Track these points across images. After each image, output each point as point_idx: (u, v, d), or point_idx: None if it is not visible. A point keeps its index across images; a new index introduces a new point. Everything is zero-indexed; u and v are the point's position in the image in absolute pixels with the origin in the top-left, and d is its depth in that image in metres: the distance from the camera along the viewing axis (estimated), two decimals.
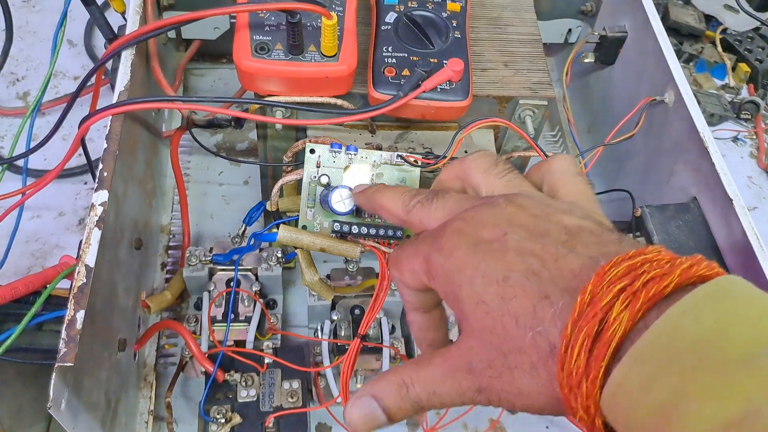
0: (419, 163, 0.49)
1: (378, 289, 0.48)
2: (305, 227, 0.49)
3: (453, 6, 0.53)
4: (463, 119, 0.50)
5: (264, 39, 0.48)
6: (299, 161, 0.50)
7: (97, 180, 0.45)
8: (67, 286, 0.42)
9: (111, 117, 0.48)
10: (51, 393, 0.36)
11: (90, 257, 0.41)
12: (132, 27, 0.55)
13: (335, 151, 0.48)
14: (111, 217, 0.45)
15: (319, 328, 0.58)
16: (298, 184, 0.50)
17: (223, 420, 0.51)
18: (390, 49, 0.51)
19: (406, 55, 0.50)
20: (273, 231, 0.49)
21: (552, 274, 0.28)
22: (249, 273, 0.60)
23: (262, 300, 0.59)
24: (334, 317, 0.57)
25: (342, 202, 0.47)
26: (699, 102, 0.82)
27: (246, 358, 0.53)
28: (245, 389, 0.53)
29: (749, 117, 0.84)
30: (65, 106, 0.54)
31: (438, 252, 0.32)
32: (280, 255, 0.59)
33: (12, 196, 0.59)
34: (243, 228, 0.58)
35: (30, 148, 0.59)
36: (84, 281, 0.40)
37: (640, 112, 0.58)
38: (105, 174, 0.45)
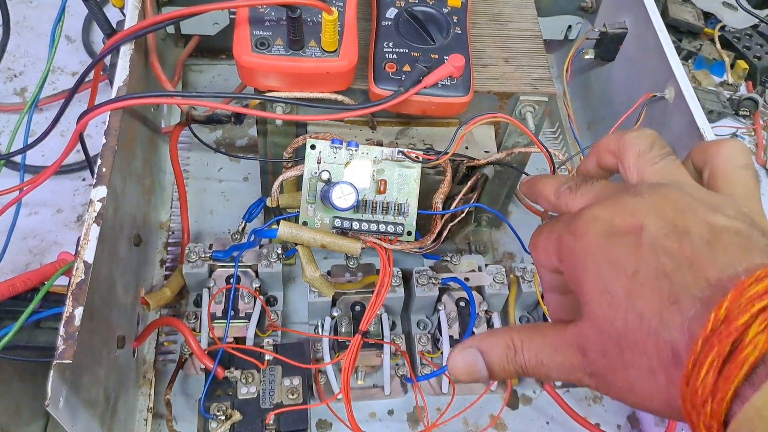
0: (420, 159, 0.49)
1: (379, 286, 0.48)
2: (306, 223, 0.49)
3: (454, 2, 0.53)
4: (464, 115, 0.50)
5: (264, 34, 0.48)
6: (299, 157, 0.50)
7: (96, 176, 0.45)
8: (65, 282, 0.42)
9: (110, 112, 0.48)
10: (49, 390, 0.36)
11: (88, 253, 0.41)
12: (130, 22, 0.54)
13: (336, 147, 0.48)
14: (110, 213, 0.45)
15: (320, 324, 0.58)
16: (298, 180, 0.50)
17: (223, 417, 0.51)
18: (391, 45, 0.50)
19: (406, 51, 0.50)
20: (273, 227, 0.49)
21: (685, 278, 0.27)
22: (249, 270, 0.59)
23: (262, 297, 0.59)
24: (334, 314, 0.57)
25: (343, 198, 0.46)
26: (698, 99, 0.82)
27: (246, 354, 0.53)
28: (245, 386, 0.53)
29: (748, 114, 0.84)
30: (63, 101, 0.54)
31: (570, 233, 0.31)
32: (280, 251, 0.59)
33: (9, 192, 0.58)
34: (243, 224, 0.58)
35: (27, 144, 0.59)
36: (82, 278, 0.40)
37: (640, 108, 0.58)
38: (104, 170, 0.45)
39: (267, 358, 0.53)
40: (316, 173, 0.48)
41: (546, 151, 0.49)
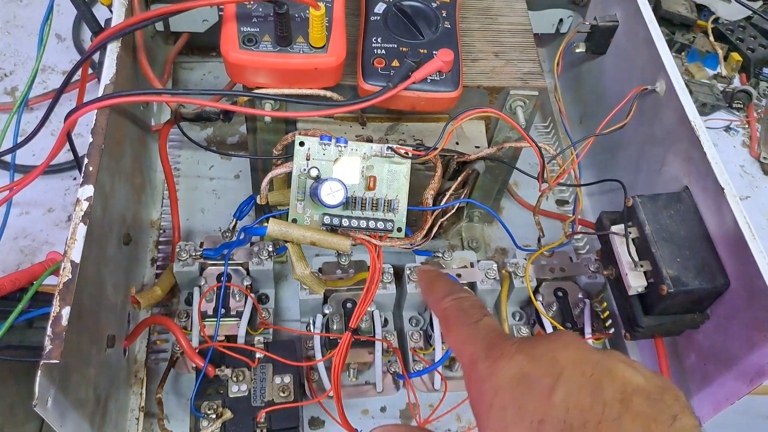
0: (410, 155, 0.48)
1: (369, 282, 0.48)
2: (295, 221, 0.49)
3: None
4: (454, 110, 0.49)
5: (252, 31, 0.48)
6: (289, 154, 0.49)
7: (83, 175, 0.45)
8: (55, 282, 0.42)
9: (96, 111, 0.47)
10: (36, 390, 0.35)
11: (75, 253, 0.41)
12: (117, 20, 0.54)
13: (325, 144, 0.48)
14: (98, 212, 0.45)
15: (311, 322, 0.58)
16: (288, 177, 0.49)
17: (214, 416, 0.50)
18: (379, 40, 0.50)
19: (395, 46, 0.50)
20: (263, 225, 0.49)
21: None
22: (240, 267, 0.59)
23: (253, 294, 0.58)
24: (326, 311, 0.57)
25: (332, 194, 0.46)
26: (691, 92, 0.82)
27: (237, 353, 0.53)
28: (236, 384, 0.52)
29: (741, 106, 0.84)
30: (51, 101, 0.54)
31: (487, 364, 0.32)
32: (271, 249, 0.59)
33: None
34: (234, 222, 0.58)
35: (17, 143, 0.58)
36: (69, 277, 0.40)
37: (631, 101, 0.57)
38: (91, 168, 0.45)
39: (258, 356, 0.53)
40: (305, 170, 0.48)
41: (535, 146, 0.49)
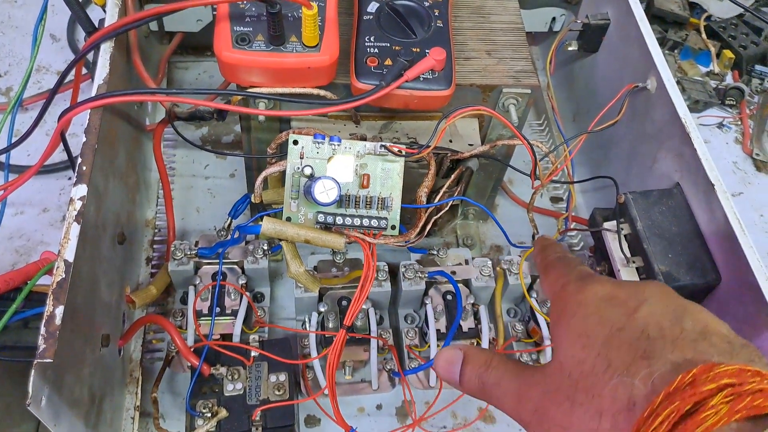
0: (403, 153, 0.49)
1: (363, 280, 0.48)
2: (290, 219, 0.49)
3: None
4: (447, 108, 0.50)
5: (245, 30, 0.48)
6: (283, 153, 0.50)
7: (76, 174, 0.45)
8: (50, 282, 0.42)
9: (89, 111, 0.47)
10: (30, 389, 0.36)
11: (69, 252, 0.41)
12: (111, 20, 0.54)
13: (319, 142, 0.48)
14: (91, 212, 0.45)
15: (307, 320, 0.58)
16: (282, 175, 0.49)
17: (210, 414, 0.51)
18: (372, 39, 0.50)
19: (388, 45, 0.50)
20: (258, 223, 0.49)
21: (665, 344, 0.28)
22: (235, 266, 0.59)
23: (248, 293, 0.58)
24: (321, 309, 0.57)
25: (325, 192, 0.46)
26: (684, 89, 0.83)
27: (232, 351, 0.53)
28: (231, 383, 0.52)
29: (734, 103, 0.84)
30: (45, 101, 0.54)
31: (577, 286, 0.34)
32: (266, 247, 0.59)
33: None
34: (229, 221, 0.58)
35: (11, 143, 0.58)
36: (63, 277, 0.40)
37: (622, 99, 0.58)
38: (84, 168, 0.45)
39: (253, 354, 0.53)
40: (298, 168, 0.48)
41: (527, 144, 0.49)
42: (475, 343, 0.58)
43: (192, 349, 0.53)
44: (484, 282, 0.59)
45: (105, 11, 0.57)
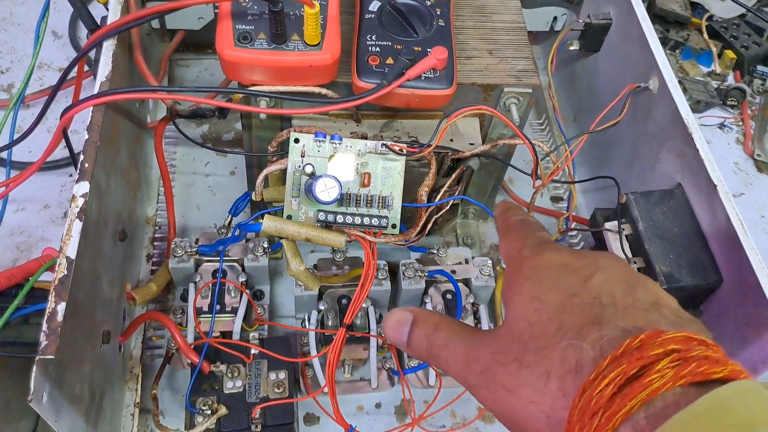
0: (404, 152, 0.49)
1: (363, 279, 0.48)
2: (290, 217, 0.49)
3: None
4: (448, 107, 0.50)
5: (247, 28, 0.48)
6: (284, 151, 0.50)
7: (79, 171, 0.45)
8: (51, 278, 0.42)
9: (92, 108, 0.48)
10: (32, 386, 0.36)
11: (71, 249, 0.41)
12: (113, 17, 0.54)
13: (320, 141, 0.48)
14: (93, 209, 0.45)
15: (306, 318, 0.58)
16: (283, 173, 0.50)
17: (209, 411, 0.51)
18: (374, 38, 0.50)
19: (390, 44, 0.50)
20: (258, 221, 0.49)
21: (617, 311, 0.28)
22: (235, 264, 0.59)
23: (248, 291, 0.59)
24: (321, 307, 0.57)
25: (326, 191, 0.46)
26: (685, 89, 0.83)
27: (232, 349, 0.53)
28: (231, 380, 0.53)
29: (735, 104, 0.84)
30: (47, 97, 0.54)
31: (533, 250, 0.34)
32: (266, 245, 0.59)
33: None
34: (229, 219, 0.58)
35: (13, 140, 0.59)
36: (65, 273, 0.40)
37: (624, 99, 0.58)
38: (86, 165, 0.45)
39: (253, 352, 0.53)
40: (299, 167, 0.48)
41: (529, 143, 0.49)
42: None
43: (192, 347, 0.53)
44: (484, 281, 0.59)
45: (107, 9, 0.57)
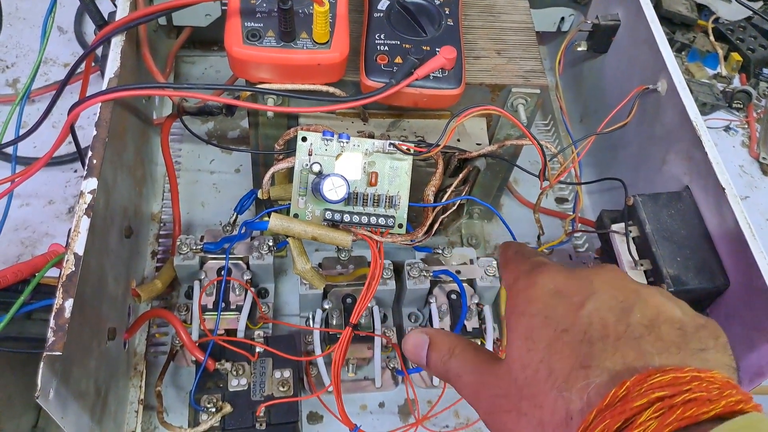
0: (411, 152, 0.48)
1: (370, 278, 0.48)
2: (297, 215, 0.49)
3: None
4: (456, 107, 0.50)
5: (255, 26, 0.48)
6: (291, 149, 0.49)
7: (87, 167, 0.45)
8: (57, 274, 0.42)
9: (100, 104, 0.47)
10: (39, 382, 0.36)
11: (79, 245, 0.41)
12: (122, 13, 0.54)
13: (327, 139, 0.48)
14: (100, 205, 0.45)
15: (311, 317, 0.58)
16: (289, 172, 0.50)
17: (214, 409, 0.51)
18: (382, 37, 0.50)
19: (398, 43, 0.50)
20: (264, 219, 0.49)
21: (605, 350, 0.28)
22: (240, 262, 0.59)
23: (253, 289, 0.59)
24: (325, 306, 0.57)
25: (334, 190, 0.46)
26: (691, 91, 0.82)
27: (237, 347, 0.53)
28: (236, 378, 0.53)
29: (741, 106, 0.84)
30: (54, 93, 0.54)
31: (527, 280, 0.34)
32: (271, 243, 0.59)
33: (1, 183, 0.58)
34: (234, 216, 0.58)
35: (19, 135, 0.58)
36: (73, 269, 0.40)
37: (632, 100, 0.58)
38: (94, 161, 0.45)
39: (258, 350, 0.53)
40: (307, 165, 0.48)
41: (537, 144, 0.49)
42: (480, 343, 0.58)
43: (197, 344, 0.53)
44: (488, 282, 0.59)
45: (116, 5, 0.57)
